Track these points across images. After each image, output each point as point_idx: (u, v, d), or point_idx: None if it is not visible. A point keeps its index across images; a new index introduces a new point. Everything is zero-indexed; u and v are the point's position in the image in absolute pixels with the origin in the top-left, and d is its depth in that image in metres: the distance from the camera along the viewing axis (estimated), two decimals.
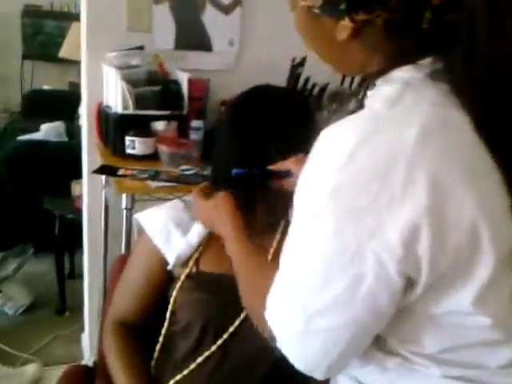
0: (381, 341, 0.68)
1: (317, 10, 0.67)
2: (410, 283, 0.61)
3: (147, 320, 1.16)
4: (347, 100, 2.02)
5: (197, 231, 1.12)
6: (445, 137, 0.60)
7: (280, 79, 1.95)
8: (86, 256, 2.26)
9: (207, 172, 1.72)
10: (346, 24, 0.65)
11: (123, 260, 1.30)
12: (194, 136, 1.89)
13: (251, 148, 1.07)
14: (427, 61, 0.64)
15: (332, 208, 0.60)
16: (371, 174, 0.59)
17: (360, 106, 0.70)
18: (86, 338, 2.38)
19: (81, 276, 2.47)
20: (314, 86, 1.95)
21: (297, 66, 1.96)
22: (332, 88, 1.97)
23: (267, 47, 2.10)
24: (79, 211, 2.39)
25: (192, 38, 2.04)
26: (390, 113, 0.62)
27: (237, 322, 1.04)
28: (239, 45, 2.10)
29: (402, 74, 0.65)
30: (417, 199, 0.57)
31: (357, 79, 2.08)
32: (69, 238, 2.75)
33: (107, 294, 1.35)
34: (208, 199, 1.03)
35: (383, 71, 0.67)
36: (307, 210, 0.64)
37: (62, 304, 2.74)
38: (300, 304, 0.64)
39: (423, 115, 0.60)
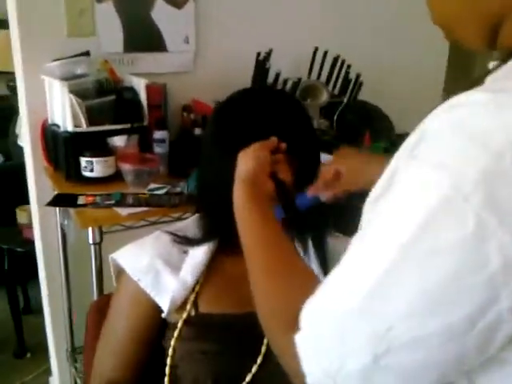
0: None
1: None
2: None
3: (140, 376, 0.99)
4: (320, 93, 1.89)
5: (190, 268, 0.96)
6: None
7: (245, 77, 1.78)
8: (44, 292, 2.02)
9: (181, 189, 1.52)
10: None
11: (101, 304, 1.13)
12: (159, 149, 1.68)
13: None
14: None
15: (475, 202, 0.42)
16: None
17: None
18: (54, 382, 2.14)
19: (38, 311, 2.23)
20: (286, 81, 1.78)
21: (263, 61, 1.78)
22: (305, 82, 1.81)
23: (227, 42, 1.92)
24: (29, 242, 2.17)
25: (143, 38, 1.82)
26: None
27: (254, 369, 0.89)
28: (196, 42, 1.90)
29: None
30: None
31: (325, 70, 1.95)
32: (20, 271, 2.51)
33: (86, 345, 1.16)
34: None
35: None
36: (419, 199, 0.45)
37: (20, 345, 2.49)
38: (374, 331, 0.46)
39: None
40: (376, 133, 1.91)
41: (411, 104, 2.20)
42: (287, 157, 0.86)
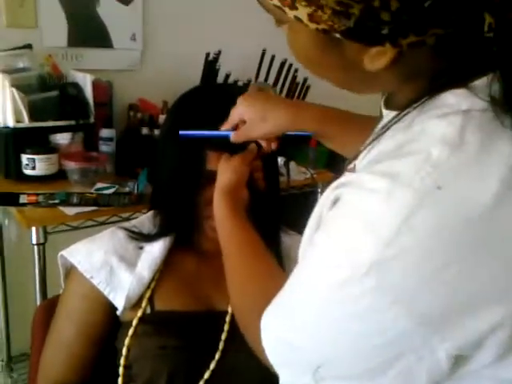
0: None
1: (337, 35, 0.47)
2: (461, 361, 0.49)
3: (90, 378, 0.94)
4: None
5: (147, 264, 0.92)
6: None
7: (194, 76, 1.77)
8: None
9: (129, 189, 1.48)
10: (383, 50, 0.47)
11: (49, 307, 1.05)
12: (105, 148, 1.63)
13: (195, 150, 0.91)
14: (481, 81, 0.49)
15: (368, 285, 0.46)
16: (429, 247, 0.44)
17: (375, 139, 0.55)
18: None
19: None
20: (236, 82, 1.78)
21: (213, 62, 1.78)
22: (255, 84, 1.82)
23: (176, 41, 1.90)
24: None
25: (88, 33, 1.76)
26: (454, 160, 0.45)
27: (212, 365, 0.87)
28: (143, 40, 1.86)
29: (457, 99, 0.48)
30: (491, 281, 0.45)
31: (273, 73, 1.97)
32: None
33: (33, 349, 1.08)
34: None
35: (421, 97, 0.51)
36: (329, 272, 0.49)
37: None
38: (309, 364, 0.53)
39: (500, 163, 0.45)
40: None
41: (353, 109, 2.27)
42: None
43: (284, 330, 0.55)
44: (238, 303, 0.72)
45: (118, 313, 0.90)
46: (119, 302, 0.90)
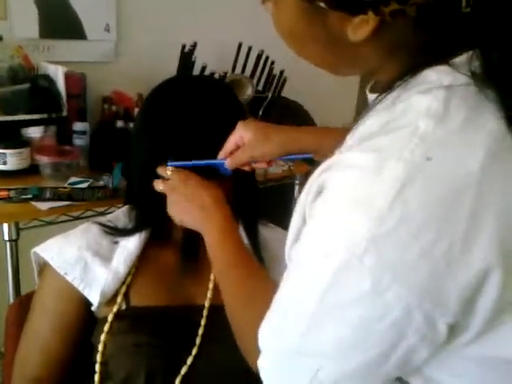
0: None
1: (322, 4, 0.49)
2: (457, 330, 0.48)
3: (66, 375, 0.93)
4: (245, 88, 1.89)
5: (122, 258, 0.92)
6: None
7: (169, 68, 1.74)
8: None
9: (104, 182, 1.46)
10: (366, 19, 0.48)
11: (24, 303, 1.03)
12: (79, 141, 1.60)
13: (171, 141, 0.91)
14: (462, 58, 0.50)
15: (368, 263, 0.45)
16: (423, 219, 0.44)
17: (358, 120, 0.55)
18: None
19: None
20: (212, 74, 1.76)
21: (189, 54, 1.75)
22: (230, 76, 1.80)
23: (151, 33, 1.87)
24: None
25: (60, 24, 1.72)
26: (441, 132, 0.46)
27: (189, 361, 0.86)
28: (117, 31, 1.83)
29: (438, 75, 0.49)
30: (485, 246, 0.44)
31: (249, 66, 1.95)
32: None
33: (6, 347, 1.06)
34: (189, 188, 0.86)
35: (404, 74, 0.51)
36: (323, 262, 0.49)
37: None
38: (310, 370, 0.52)
39: (486, 133, 0.46)
40: None
41: (330, 101, 2.27)
42: None
43: (280, 340, 0.54)
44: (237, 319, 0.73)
45: (93, 308, 0.89)
46: (94, 298, 0.89)
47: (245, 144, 0.82)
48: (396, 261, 0.45)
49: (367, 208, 0.45)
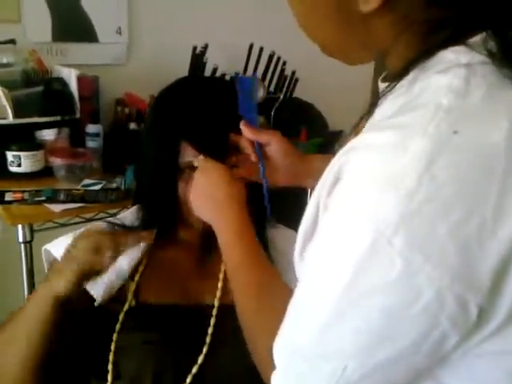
0: None
1: None
2: (484, 316, 0.46)
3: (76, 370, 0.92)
4: (258, 88, 1.88)
5: (127, 255, 0.91)
6: None
7: (181, 70, 1.74)
8: None
9: (117, 184, 1.46)
10: None
11: None
12: (92, 144, 1.61)
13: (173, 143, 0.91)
14: (476, 39, 0.49)
15: (398, 245, 0.43)
16: (453, 193, 0.43)
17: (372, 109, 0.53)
18: None
19: None
20: (223, 76, 1.76)
21: (200, 55, 1.76)
22: (243, 76, 1.80)
23: (162, 35, 1.87)
24: None
25: (73, 27, 1.73)
26: (465, 105, 0.46)
27: (200, 360, 0.85)
28: (129, 33, 1.84)
29: (456, 55, 0.48)
30: None
31: (261, 66, 1.95)
32: None
33: None
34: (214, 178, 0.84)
35: (419, 57, 0.50)
36: (349, 247, 0.46)
37: None
38: (334, 370, 0.48)
39: (508, 106, 0.45)
40: (311, 130, 1.94)
41: (342, 101, 2.26)
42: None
43: (299, 337, 0.52)
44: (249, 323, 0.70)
45: (96, 303, 0.89)
46: (97, 294, 0.89)
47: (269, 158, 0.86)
48: (427, 240, 0.43)
49: (394, 186, 0.43)
